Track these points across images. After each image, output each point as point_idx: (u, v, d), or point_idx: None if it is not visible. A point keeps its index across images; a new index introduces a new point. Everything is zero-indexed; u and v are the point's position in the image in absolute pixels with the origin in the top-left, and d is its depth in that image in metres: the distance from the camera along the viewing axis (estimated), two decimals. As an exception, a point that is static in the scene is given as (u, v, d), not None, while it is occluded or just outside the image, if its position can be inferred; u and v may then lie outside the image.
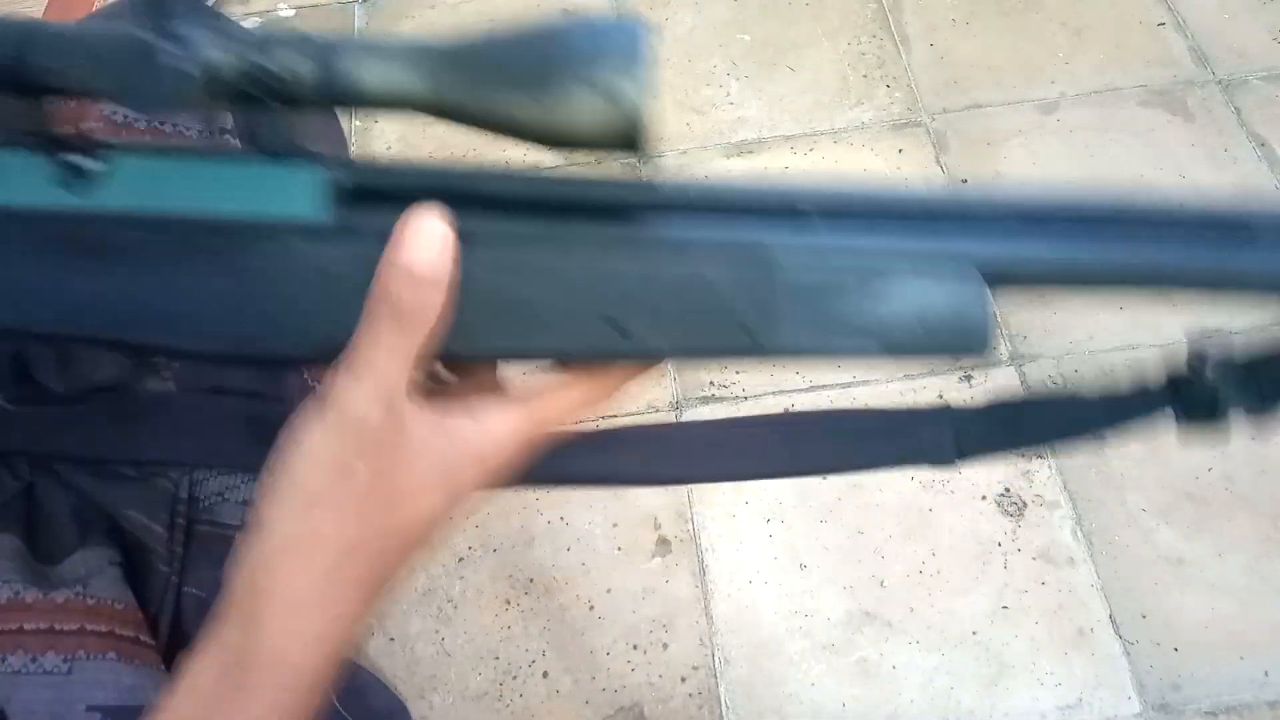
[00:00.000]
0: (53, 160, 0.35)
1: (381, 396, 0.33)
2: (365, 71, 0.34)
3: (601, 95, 0.32)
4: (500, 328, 0.35)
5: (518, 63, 0.33)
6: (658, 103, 0.34)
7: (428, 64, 0.34)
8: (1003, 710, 0.75)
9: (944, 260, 0.35)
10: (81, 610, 0.44)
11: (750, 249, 0.35)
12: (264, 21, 1.22)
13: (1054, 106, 1.08)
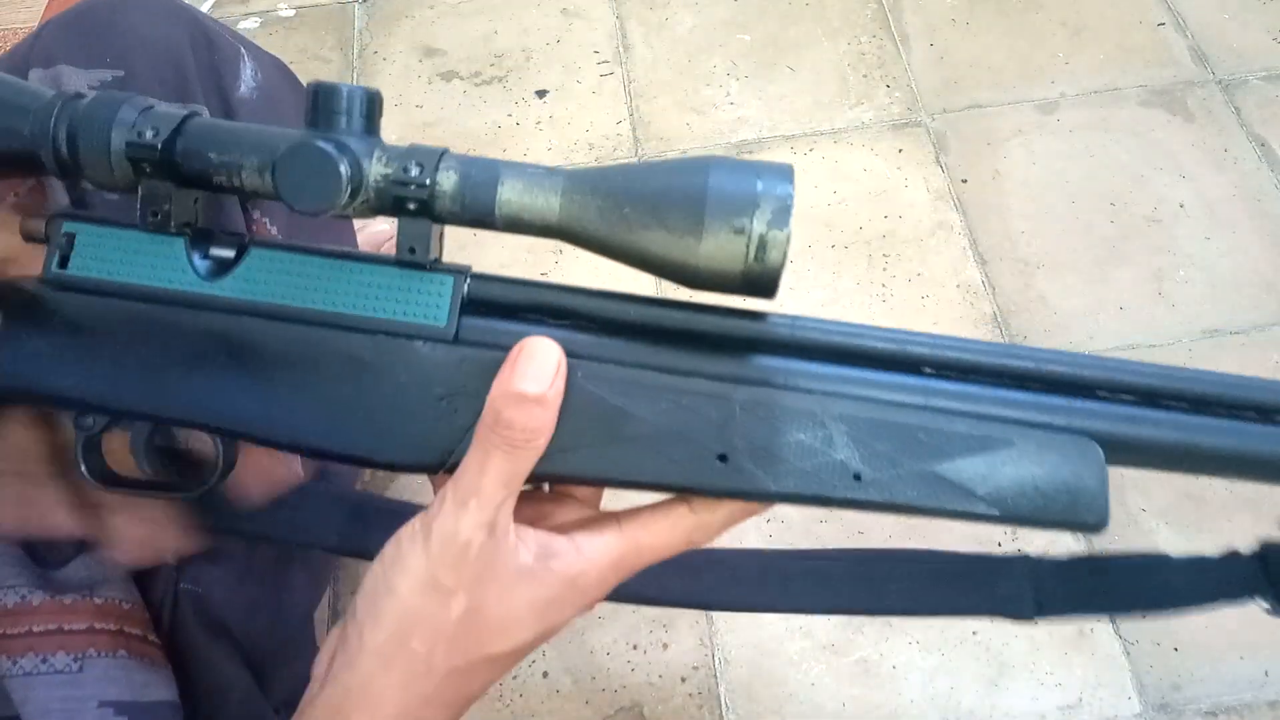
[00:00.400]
0: (193, 247, 0.35)
1: (485, 522, 0.33)
2: (509, 190, 0.34)
3: (750, 244, 0.32)
4: (609, 452, 0.34)
5: (667, 201, 0.33)
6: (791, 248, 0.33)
7: (574, 191, 0.34)
8: (1003, 710, 0.75)
9: (1063, 429, 0.34)
10: (90, 610, 0.44)
11: (869, 401, 0.34)
12: (264, 19, 1.21)
13: (1054, 106, 1.08)
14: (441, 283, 0.35)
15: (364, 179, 0.33)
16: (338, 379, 0.35)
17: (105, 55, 0.50)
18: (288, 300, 0.35)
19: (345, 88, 0.33)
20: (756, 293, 0.33)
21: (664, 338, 0.36)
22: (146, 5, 0.53)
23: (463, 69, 1.15)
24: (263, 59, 0.58)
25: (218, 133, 0.34)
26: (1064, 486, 0.34)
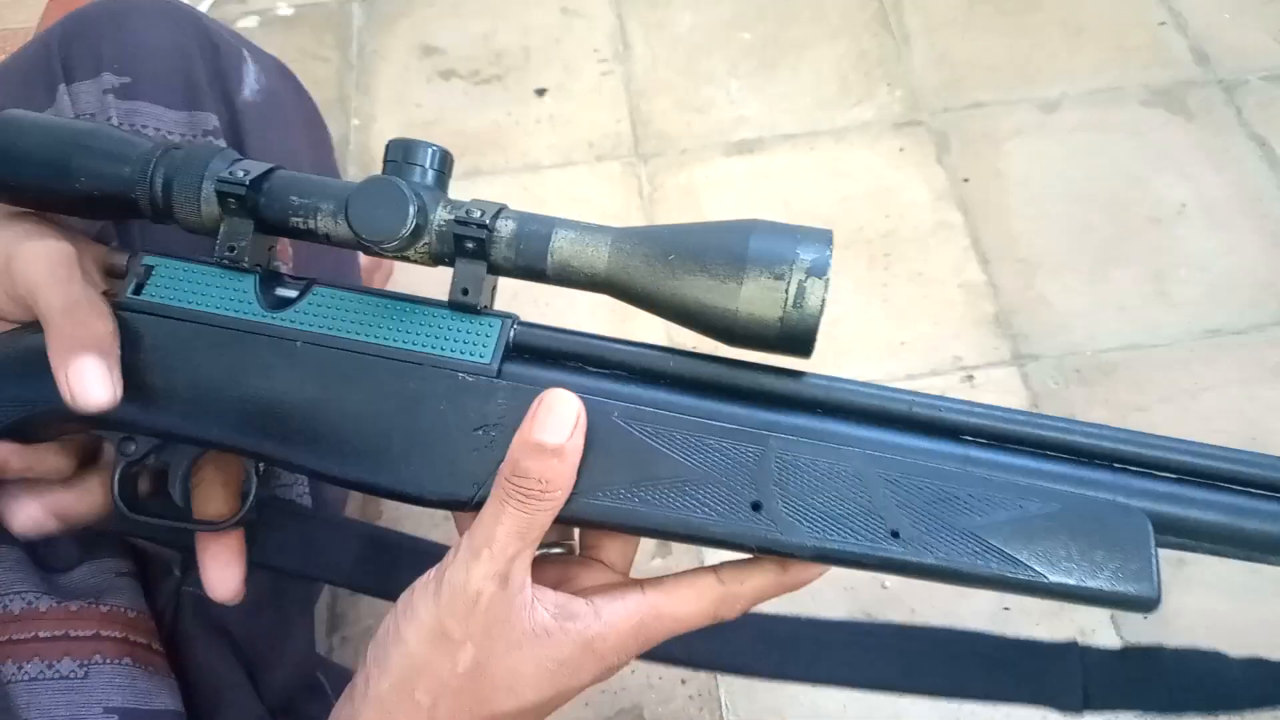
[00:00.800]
0: (262, 285, 0.38)
1: (497, 574, 0.32)
2: (561, 239, 0.36)
3: (790, 292, 0.33)
4: (640, 493, 0.34)
5: (711, 250, 0.34)
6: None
7: (622, 241, 0.35)
8: (1004, 711, 0.74)
9: (1111, 501, 0.33)
10: (96, 617, 0.44)
11: (907, 459, 0.34)
12: (263, 17, 1.21)
13: (1054, 106, 1.08)
14: (490, 325, 0.37)
15: (429, 221, 0.36)
16: (381, 407, 0.36)
17: (112, 61, 0.50)
18: (342, 332, 0.37)
19: (424, 144, 0.37)
20: (794, 347, 0.34)
21: (702, 389, 0.36)
22: (149, 10, 0.53)
23: (462, 68, 1.15)
24: (264, 61, 0.58)
25: (298, 180, 0.37)
26: (1110, 555, 0.33)
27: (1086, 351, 0.91)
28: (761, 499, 0.34)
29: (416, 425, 0.36)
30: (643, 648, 0.35)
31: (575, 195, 1.03)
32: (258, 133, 0.53)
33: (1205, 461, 0.35)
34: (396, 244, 0.35)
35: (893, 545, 0.33)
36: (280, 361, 0.36)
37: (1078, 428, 0.35)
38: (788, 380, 0.36)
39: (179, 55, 0.52)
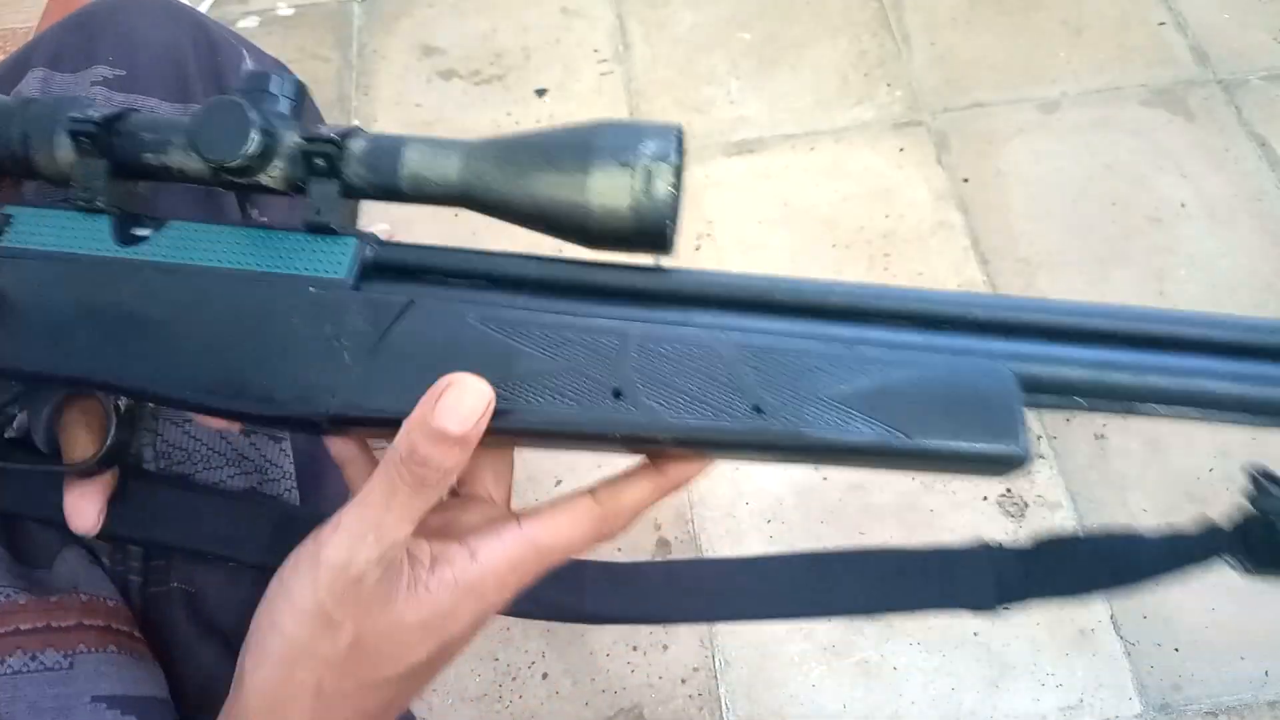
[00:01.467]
0: (115, 222, 0.38)
1: (383, 558, 0.32)
2: (413, 151, 0.36)
3: (637, 178, 0.33)
4: (500, 393, 0.34)
5: (560, 148, 0.34)
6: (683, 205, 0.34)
7: (472, 151, 0.35)
8: (1004, 711, 0.74)
9: (975, 360, 0.33)
10: (77, 607, 0.43)
11: (768, 334, 0.34)
12: (263, 17, 1.21)
13: (1055, 106, 1.08)
14: (344, 243, 0.37)
15: (278, 143, 0.36)
16: (235, 329, 0.36)
17: (107, 55, 0.50)
18: (195, 260, 0.37)
19: (276, 74, 0.36)
20: (651, 241, 0.34)
21: (564, 291, 0.36)
22: (147, 7, 0.53)
23: (462, 67, 1.15)
24: (265, 61, 0.58)
25: (151, 119, 0.37)
26: (976, 414, 0.33)
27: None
28: (622, 386, 0.34)
29: (269, 343, 0.36)
30: (527, 580, 0.34)
31: (575, 195, 1.03)
32: None
33: (1070, 319, 0.34)
34: (242, 163, 0.34)
35: (757, 419, 0.33)
36: (131, 292, 0.37)
37: (939, 296, 0.35)
38: (649, 275, 0.36)
39: (174, 51, 0.52)
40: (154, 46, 0.51)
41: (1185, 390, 0.34)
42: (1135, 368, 0.34)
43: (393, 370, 0.35)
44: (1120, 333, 0.35)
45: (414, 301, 0.35)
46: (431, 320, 0.35)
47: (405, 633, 0.33)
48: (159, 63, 0.51)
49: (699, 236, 1.00)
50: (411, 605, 0.33)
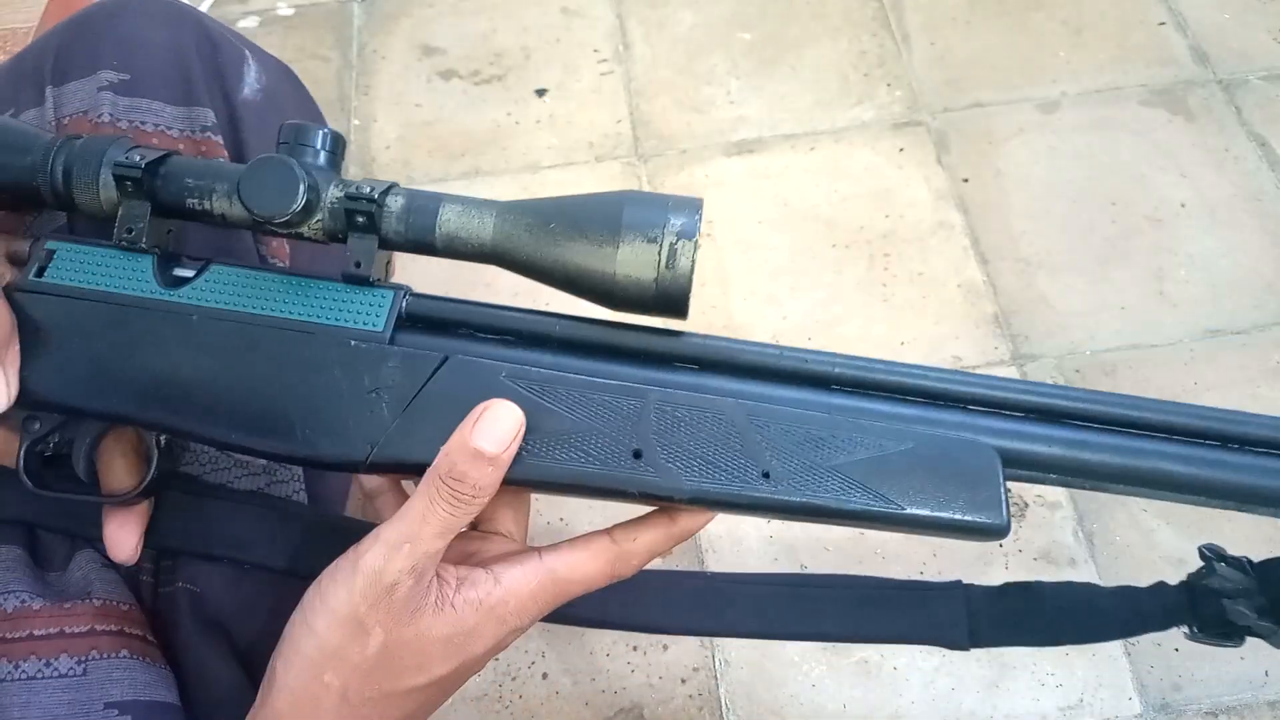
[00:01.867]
0: (159, 264, 0.39)
1: (416, 570, 0.34)
2: (449, 212, 0.38)
3: (663, 253, 0.35)
4: (527, 446, 0.36)
5: (591, 219, 0.36)
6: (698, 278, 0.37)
7: (506, 214, 0.37)
8: (1004, 711, 0.75)
9: (963, 437, 0.36)
10: (90, 613, 0.44)
11: (776, 405, 0.37)
12: (263, 17, 1.21)
13: (1055, 106, 1.08)
14: (382, 296, 0.39)
15: (321, 198, 0.37)
16: (277, 376, 0.38)
17: (110, 59, 0.50)
18: (237, 306, 0.38)
19: (316, 127, 0.38)
20: (670, 307, 0.36)
21: (587, 350, 0.38)
22: (149, 9, 0.53)
23: (462, 68, 1.15)
24: (266, 61, 0.58)
25: (193, 163, 0.39)
26: (962, 487, 0.36)
27: (1086, 351, 0.91)
28: (642, 448, 0.36)
29: (311, 392, 0.37)
30: (544, 609, 0.36)
31: (575, 195, 1.03)
32: (257, 131, 0.53)
33: (1047, 400, 0.37)
34: (288, 219, 0.36)
35: (764, 485, 0.36)
36: (177, 336, 0.38)
37: (932, 373, 0.38)
38: (667, 339, 0.38)
39: (177, 52, 0.52)
40: (156, 49, 0.51)
41: (1150, 472, 0.37)
42: (1107, 449, 0.37)
43: (428, 422, 0.37)
44: (1094, 415, 0.37)
45: (449, 358, 0.37)
46: (465, 376, 0.37)
47: (430, 645, 0.34)
48: (162, 65, 0.51)
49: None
50: (438, 620, 0.34)
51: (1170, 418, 0.37)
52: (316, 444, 0.37)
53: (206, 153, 0.51)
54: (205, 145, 0.51)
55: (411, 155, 1.07)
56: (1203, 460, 0.37)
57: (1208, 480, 0.36)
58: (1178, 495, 0.37)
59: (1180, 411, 0.37)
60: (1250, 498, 0.36)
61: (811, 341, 0.92)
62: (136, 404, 0.38)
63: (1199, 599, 0.46)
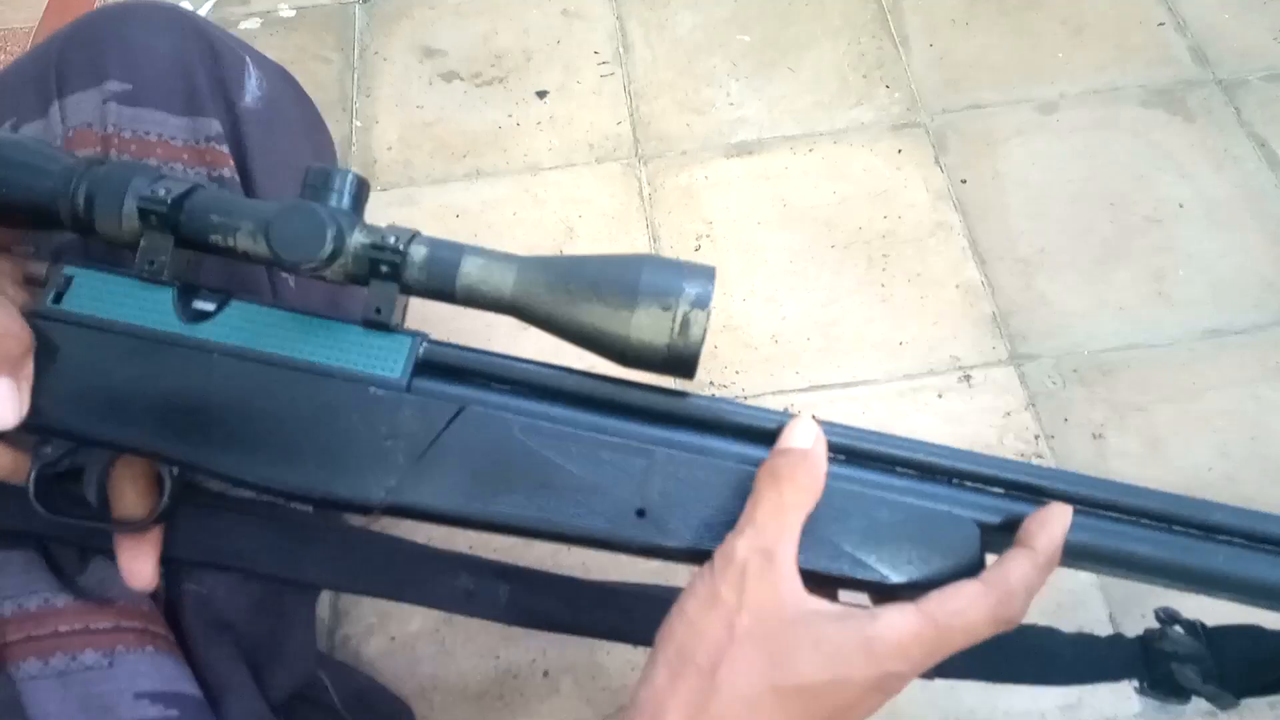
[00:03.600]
0: (180, 297, 0.39)
1: (760, 547, 0.35)
2: (470, 264, 0.38)
3: (676, 321, 0.36)
4: (538, 500, 0.37)
5: (609, 283, 0.37)
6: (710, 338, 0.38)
7: (527, 270, 0.38)
8: (1003, 710, 0.75)
9: (948, 514, 0.38)
10: (112, 611, 0.44)
11: None
12: (265, 19, 1.22)
13: (1054, 106, 1.08)
14: (401, 342, 0.39)
15: (346, 244, 0.38)
16: (295, 418, 0.38)
17: (114, 69, 0.50)
18: (257, 345, 0.39)
19: (341, 172, 0.38)
20: (679, 370, 0.37)
21: (596, 406, 0.39)
22: (150, 17, 0.53)
23: (463, 69, 1.15)
24: (267, 67, 0.58)
25: (219, 199, 0.39)
26: (945, 559, 0.37)
27: (1085, 351, 0.91)
28: (646, 507, 0.37)
29: (328, 435, 0.38)
30: (926, 658, 0.36)
31: (575, 196, 1.04)
32: (259, 138, 0.53)
33: (1025, 478, 0.39)
34: (314, 265, 0.37)
35: None
36: (195, 372, 0.38)
37: (921, 447, 0.39)
38: (673, 399, 0.39)
39: (181, 62, 0.52)
40: (159, 58, 0.51)
41: (1118, 553, 0.38)
42: (1079, 528, 0.38)
43: (441, 470, 0.38)
44: (1070, 496, 0.39)
45: (464, 408, 0.38)
46: (479, 429, 0.38)
47: (800, 647, 0.35)
48: (166, 75, 0.51)
49: (698, 237, 1.00)
50: (810, 626, 0.35)
51: (1142, 502, 0.39)
52: (332, 486, 0.38)
53: (212, 162, 0.51)
54: (210, 155, 0.51)
55: (413, 156, 1.07)
56: (1171, 545, 0.38)
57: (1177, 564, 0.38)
58: (1148, 577, 0.39)
59: (1152, 497, 0.39)
60: (1214, 583, 0.38)
61: (810, 341, 0.92)
62: (150, 436, 0.38)
63: (1151, 658, 0.48)
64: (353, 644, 0.78)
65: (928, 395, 0.89)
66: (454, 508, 0.37)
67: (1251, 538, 0.38)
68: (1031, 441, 0.86)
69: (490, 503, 0.37)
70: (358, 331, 0.39)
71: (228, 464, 0.38)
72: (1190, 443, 0.85)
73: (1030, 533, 0.37)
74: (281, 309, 0.40)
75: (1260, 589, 0.38)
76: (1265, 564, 0.38)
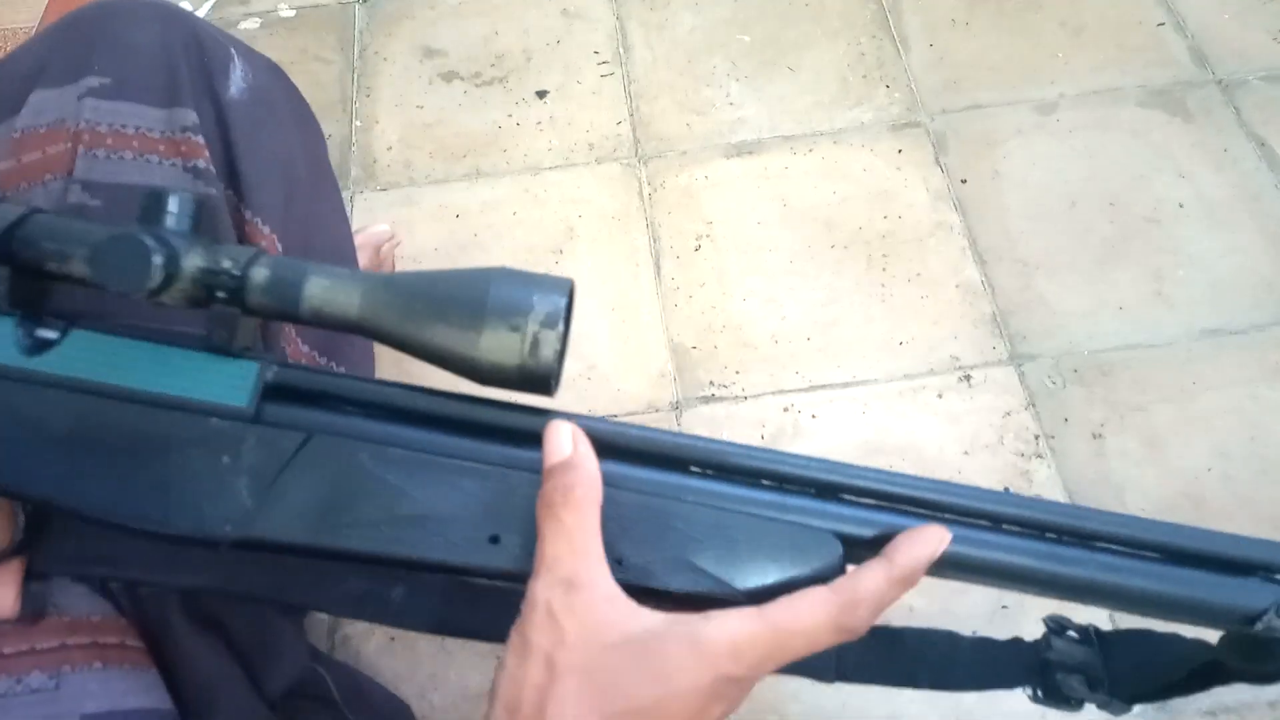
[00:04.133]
0: (20, 325, 0.38)
1: (557, 580, 0.34)
2: (314, 286, 0.37)
3: (525, 342, 0.35)
4: (387, 531, 0.36)
5: (454, 303, 0.36)
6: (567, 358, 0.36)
7: (372, 290, 0.37)
8: (1003, 710, 0.75)
9: (808, 527, 0.37)
10: (59, 627, 0.43)
11: (632, 492, 0.37)
12: (265, 19, 1.22)
13: (1053, 107, 1.08)
14: (246, 368, 0.38)
15: (179, 270, 0.36)
16: (135, 451, 0.37)
17: (94, 64, 0.50)
18: (98, 376, 0.37)
19: (176, 193, 0.37)
20: (534, 388, 0.36)
21: (450, 427, 0.38)
22: (135, 11, 0.53)
23: (463, 69, 1.15)
24: (254, 60, 0.57)
25: (54, 226, 0.38)
26: (809, 575, 0.37)
27: (1085, 351, 0.91)
28: (500, 532, 0.36)
29: (168, 469, 0.37)
30: (765, 661, 0.35)
31: (575, 196, 1.04)
32: (245, 131, 0.53)
33: (889, 488, 0.38)
34: (144, 293, 0.35)
35: (617, 569, 0.36)
36: (36, 406, 0.37)
37: (788, 459, 0.38)
38: (530, 417, 0.38)
39: (163, 54, 0.51)
40: (142, 51, 0.51)
41: (989, 563, 0.37)
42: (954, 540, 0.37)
43: (288, 502, 0.37)
44: (942, 506, 0.38)
45: (310, 438, 0.37)
46: (326, 458, 0.37)
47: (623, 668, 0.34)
48: (147, 68, 0.51)
49: (698, 238, 1.00)
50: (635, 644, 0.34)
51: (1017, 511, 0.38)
52: (172, 521, 0.37)
53: (186, 153, 0.50)
54: (185, 145, 0.50)
55: (413, 157, 1.07)
56: (1045, 555, 0.38)
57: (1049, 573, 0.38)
58: (1022, 587, 0.38)
59: (1028, 506, 0.38)
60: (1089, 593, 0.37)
61: (810, 341, 0.92)
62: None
63: (1042, 667, 0.48)
64: (353, 644, 0.78)
65: (928, 395, 0.89)
66: (303, 540, 0.36)
67: (1131, 545, 0.37)
68: (1031, 441, 0.86)
69: (340, 534, 0.36)
70: (202, 358, 0.38)
71: (71, 500, 0.37)
72: (1189, 442, 0.85)
73: (895, 547, 0.36)
74: (126, 337, 0.38)
75: (1137, 598, 0.37)
76: (1141, 573, 0.37)
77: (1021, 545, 0.38)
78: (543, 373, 0.35)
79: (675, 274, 0.97)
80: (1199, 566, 0.37)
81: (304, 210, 0.57)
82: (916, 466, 0.85)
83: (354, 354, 0.60)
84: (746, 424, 0.88)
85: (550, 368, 0.35)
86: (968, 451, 0.86)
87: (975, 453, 0.86)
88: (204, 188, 0.50)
